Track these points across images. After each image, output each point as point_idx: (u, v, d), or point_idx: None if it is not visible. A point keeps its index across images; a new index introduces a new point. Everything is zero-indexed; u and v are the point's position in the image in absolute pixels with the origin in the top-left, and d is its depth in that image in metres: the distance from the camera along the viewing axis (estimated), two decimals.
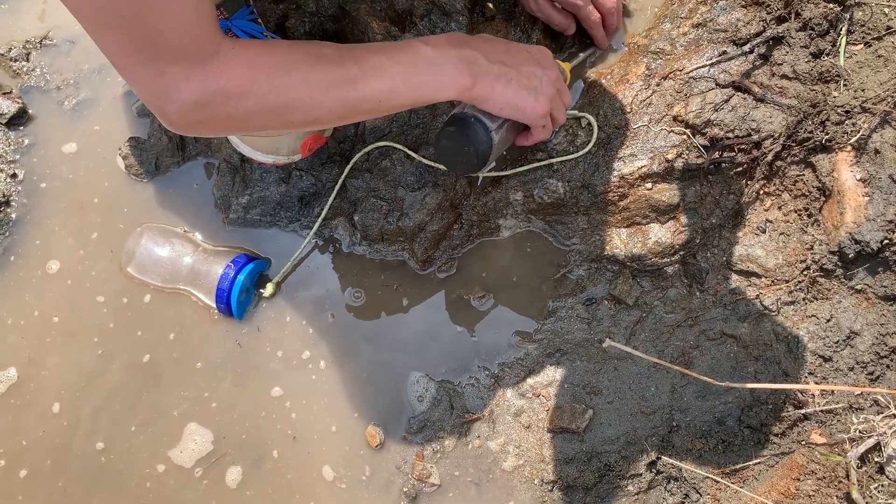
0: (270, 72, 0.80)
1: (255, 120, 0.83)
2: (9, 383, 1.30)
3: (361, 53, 0.88)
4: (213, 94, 0.77)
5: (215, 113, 0.79)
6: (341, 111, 0.88)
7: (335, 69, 0.84)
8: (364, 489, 1.19)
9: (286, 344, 1.27)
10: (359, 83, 0.86)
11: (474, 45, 0.95)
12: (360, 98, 0.87)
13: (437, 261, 1.27)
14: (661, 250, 1.20)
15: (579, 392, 1.18)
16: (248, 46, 0.80)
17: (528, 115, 1.00)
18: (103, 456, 1.25)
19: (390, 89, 0.89)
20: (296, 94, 0.82)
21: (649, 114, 1.20)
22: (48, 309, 1.32)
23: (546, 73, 1.00)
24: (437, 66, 0.91)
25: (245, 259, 1.27)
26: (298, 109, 0.84)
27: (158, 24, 0.71)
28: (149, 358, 1.29)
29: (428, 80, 0.91)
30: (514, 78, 0.97)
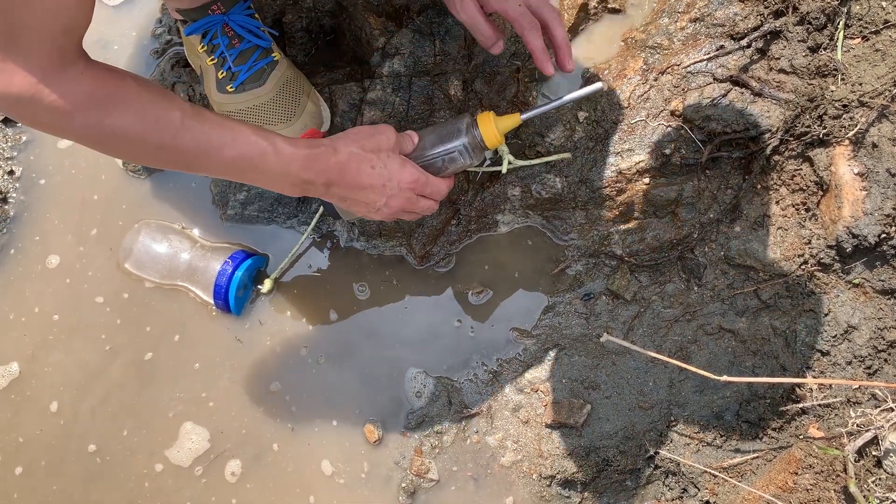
0: (104, 110, 0.79)
1: (75, 140, 0.84)
2: (10, 378, 1.30)
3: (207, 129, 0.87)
4: (40, 101, 0.76)
5: (32, 116, 0.78)
6: (168, 167, 0.93)
7: (169, 137, 0.84)
8: (363, 484, 1.19)
9: (284, 340, 1.27)
10: (188, 157, 0.87)
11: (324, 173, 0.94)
12: (187, 167, 0.90)
13: (435, 256, 1.27)
14: (658, 245, 1.20)
15: (577, 387, 1.18)
16: (100, 75, 0.80)
17: (377, 220, 1.08)
18: (98, 457, 1.25)
19: (219, 171, 0.92)
20: (121, 143, 0.83)
21: (647, 108, 1.20)
22: (48, 306, 1.32)
23: (388, 202, 1.01)
24: (274, 175, 0.92)
25: (243, 255, 1.27)
26: (121, 155, 0.91)
27: (22, 18, 0.71)
28: (147, 356, 1.29)
29: (262, 179, 0.94)
30: (349, 202, 1.01)
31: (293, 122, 1.16)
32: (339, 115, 1.26)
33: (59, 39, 0.75)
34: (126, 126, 0.81)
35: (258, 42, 1.18)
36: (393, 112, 1.24)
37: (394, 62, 1.22)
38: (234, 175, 0.94)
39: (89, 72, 0.79)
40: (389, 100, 1.24)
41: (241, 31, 1.18)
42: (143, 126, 0.82)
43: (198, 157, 0.87)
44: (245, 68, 1.16)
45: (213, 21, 1.16)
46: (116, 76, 0.82)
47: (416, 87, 1.23)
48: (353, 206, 1.02)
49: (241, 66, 1.16)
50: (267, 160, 0.91)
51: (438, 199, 1.07)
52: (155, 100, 0.84)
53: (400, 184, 1.00)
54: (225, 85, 1.16)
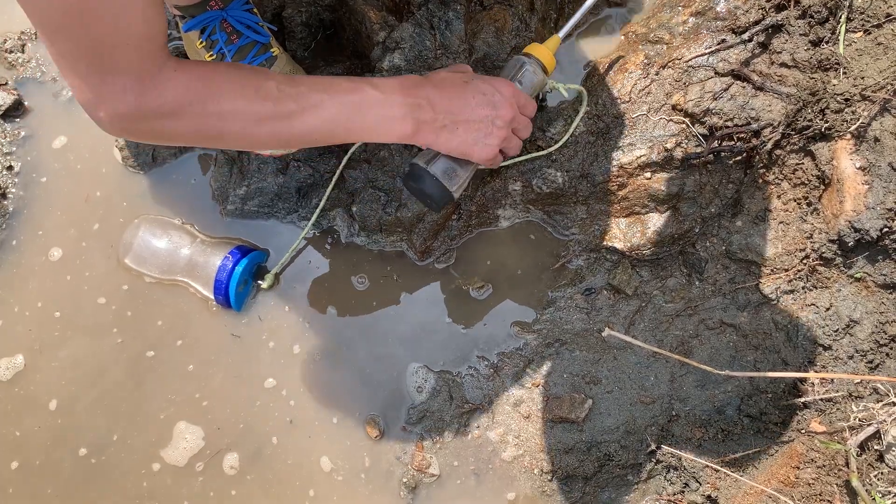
0: (207, 98, 0.81)
1: (184, 140, 0.86)
2: (16, 370, 1.29)
3: (304, 90, 0.88)
4: (147, 111, 0.78)
5: (145, 127, 0.80)
6: (275, 143, 0.91)
7: (271, 105, 0.85)
8: (364, 479, 1.19)
9: (285, 335, 1.27)
10: (294, 120, 0.87)
11: (425, 93, 0.95)
12: (294, 134, 0.89)
13: (435, 251, 1.27)
14: (660, 240, 1.20)
15: (578, 382, 1.18)
16: (191, 69, 0.81)
17: (475, 159, 1.02)
18: (94, 457, 1.25)
19: (328, 129, 0.90)
20: (228, 124, 0.84)
21: (648, 103, 1.20)
22: (50, 301, 1.31)
23: (499, 113, 1.00)
24: (381, 112, 0.92)
25: (243, 250, 1.26)
26: (229, 138, 0.86)
27: (106, 36, 0.72)
28: (147, 353, 1.28)
29: (369, 124, 0.92)
30: (461, 127, 0.98)
31: None
32: None
33: (146, 47, 0.75)
34: (232, 107, 0.82)
35: (257, 37, 1.18)
36: None
37: (394, 56, 1.21)
38: (341, 128, 0.91)
39: (181, 70, 0.80)
40: None
41: (240, 27, 1.17)
42: (246, 101, 0.83)
43: (303, 118, 0.87)
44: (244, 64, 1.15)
45: (212, 17, 1.16)
46: (205, 66, 0.83)
47: None
48: (467, 132, 0.98)
49: (239, 62, 1.16)
50: (369, 97, 0.90)
51: (530, 119, 1.07)
52: (247, 75, 0.85)
53: (502, 92, 1.00)
54: None
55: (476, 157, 1.01)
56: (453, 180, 1.04)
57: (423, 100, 0.94)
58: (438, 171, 1.02)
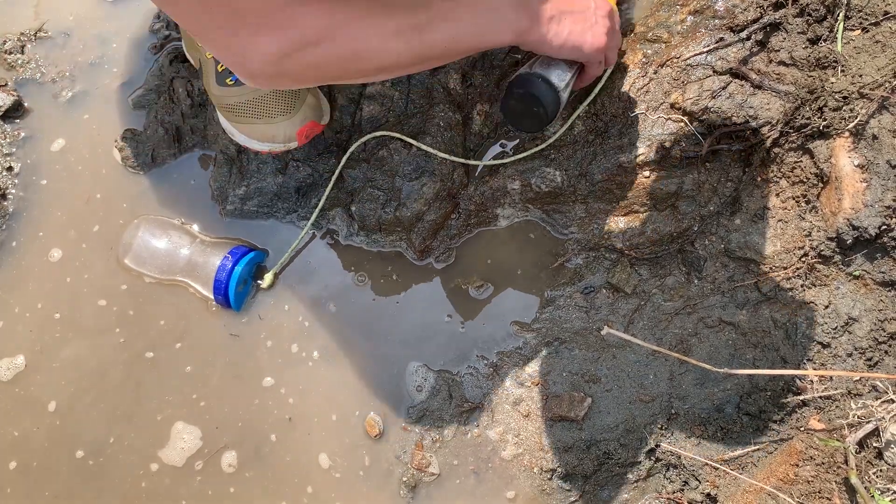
0: (345, 19, 0.82)
1: (331, 68, 0.86)
2: (16, 370, 1.29)
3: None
4: (291, 43, 0.79)
5: (296, 62, 0.81)
6: (410, 58, 0.89)
7: (404, 15, 0.86)
8: (364, 477, 1.19)
9: (284, 334, 1.27)
10: (425, 30, 0.88)
11: None
12: (427, 44, 0.89)
13: (434, 251, 1.27)
14: (659, 238, 1.20)
15: (578, 380, 1.18)
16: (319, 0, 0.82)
17: (586, 51, 1.00)
18: (92, 459, 1.25)
19: (454, 35, 0.90)
20: (367, 41, 0.84)
21: (647, 101, 1.20)
22: (50, 302, 1.31)
23: (598, 3, 1.01)
24: (496, 11, 0.92)
25: (243, 250, 1.26)
26: (370, 57, 0.86)
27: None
28: (147, 354, 1.28)
29: (489, 24, 0.92)
30: (568, 17, 0.98)
31: (293, 113, 1.16)
32: (337, 110, 1.26)
33: None
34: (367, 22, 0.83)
35: None
36: (392, 106, 1.24)
37: None
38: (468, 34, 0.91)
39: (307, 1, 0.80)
40: (388, 94, 1.23)
41: None
42: (379, 15, 0.84)
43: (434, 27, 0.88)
44: None
45: None
46: None
47: (414, 81, 1.23)
48: (574, 22, 0.98)
49: None
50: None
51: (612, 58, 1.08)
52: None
53: (599, 6, 1.01)
54: (224, 78, 1.16)
55: (587, 48, 1.00)
56: (561, 80, 1.02)
57: None
58: (553, 75, 1.01)
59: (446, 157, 1.20)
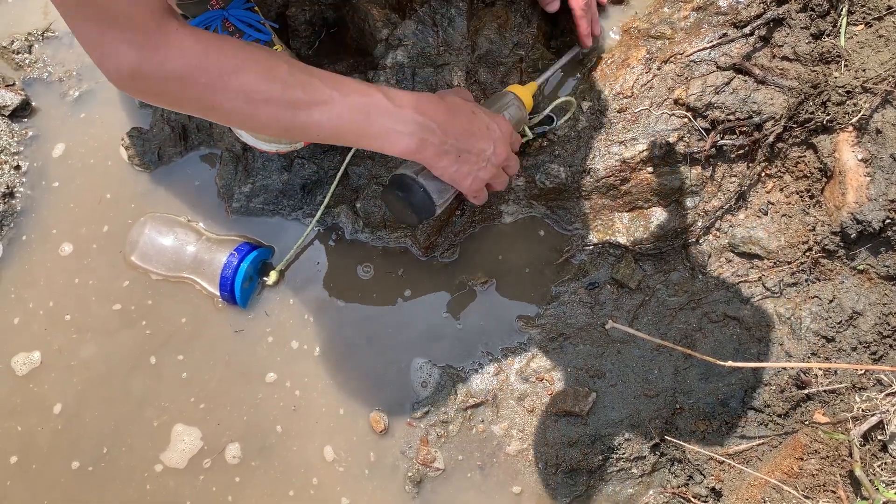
0: (215, 69, 0.79)
1: (189, 107, 0.85)
2: (32, 366, 1.30)
3: (316, 81, 0.86)
4: (150, 71, 0.77)
5: (151, 86, 0.79)
6: (276, 129, 0.88)
7: (279, 88, 0.83)
8: (370, 472, 1.20)
9: (290, 330, 1.28)
10: (299, 111, 0.85)
11: (438, 116, 0.94)
12: (296, 124, 0.87)
13: (439, 247, 1.28)
14: (663, 234, 1.20)
15: (582, 376, 1.18)
16: (201, 35, 0.80)
17: (464, 190, 1.03)
18: (92, 465, 1.26)
19: (333, 127, 0.88)
20: (232, 99, 0.82)
21: (650, 97, 1.20)
22: (60, 302, 1.32)
23: (496, 150, 1.02)
24: (389, 124, 0.90)
25: (248, 247, 1.27)
26: (232, 114, 0.84)
27: None
28: (152, 352, 1.29)
29: (374, 132, 0.90)
30: (462, 156, 0.98)
31: None
32: None
33: (151, 2, 0.75)
34: (239, 81, 0.80)
35: (258, 36, 1.18)
36: None
37: (397, 53, 1.22)
38: (346, 130, 0.89)
39: (189, 34, 0.78)
40: None
41: (241, 26, 1.18)
42: (255, 78, 0.81)
43: (309, 110, 0.85)
44: None
45: (213, 16, 1.17)
46: (217, 36, 0.82)
47: (419, 78, 1.23)
48: (464, 162, 0.99)
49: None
50: (380, 105, 0.89)
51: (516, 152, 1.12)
52: (261, 53, 0.83)
53: (500, 128, 1.03)
54: None
55: (464, 189, 1.03)
56: (441, 198, 1.05)
57: (434, 122, 0.93)
58: (430, 186, 1.03)
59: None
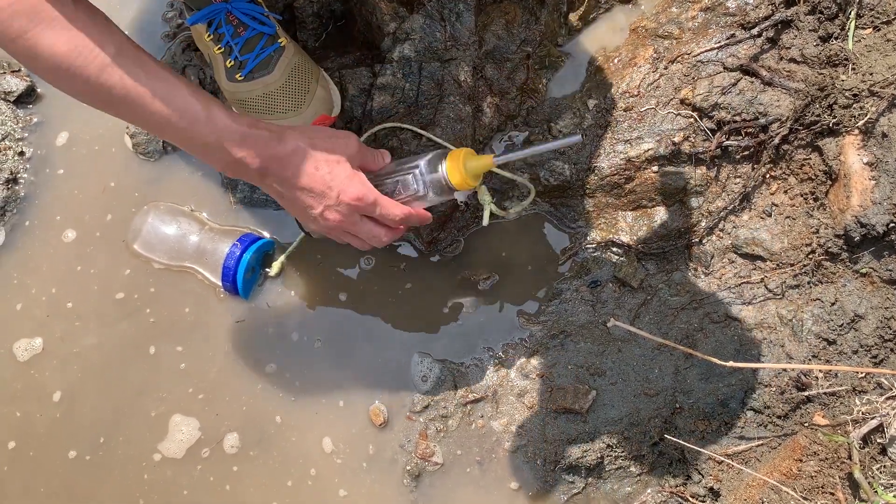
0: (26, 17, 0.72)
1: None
2: (33, 352, 1.30)
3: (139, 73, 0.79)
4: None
5: None
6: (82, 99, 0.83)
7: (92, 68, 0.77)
8: (368, 465, 1.20)
9: (291, 322, 1.28)
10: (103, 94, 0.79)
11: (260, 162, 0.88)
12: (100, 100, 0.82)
13: (442, 242, 1.28)
14: (666, 233, 1.20)
15: (583, 373, 1.18)
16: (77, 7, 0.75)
17: (313, 231, 1.02)
18: (89, 454, 1.26)
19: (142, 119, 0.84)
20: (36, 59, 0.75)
21: (657, 97, 1.20)
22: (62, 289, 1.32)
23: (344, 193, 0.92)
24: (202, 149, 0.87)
25: (251, 238, 1.27)
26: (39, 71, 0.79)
27: None
28: (151, 342, 1.29)
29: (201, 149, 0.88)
30: (298, 194, 0.93)
31: (304, 109, 1.17)
32: (349, 100, 1.27)
33: None
34: (51, 45, 0.74)
35: (263, 29, 1.17)
36: (403, 97, 1.24)
37: (404, 47, 1.22)
38: (161, 132, 0.87)
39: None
40: (399, 85, 1.24)
41: (245, 19, 1.17)
42: (69, 49, 0.75)
43: (124, 101, 0.80)
44: (252, 56, 1.15)
45: (216, 10, 1.16)
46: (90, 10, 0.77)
47: (426, 73, 1.23)
48: (287, 205, 0.96)
49: (248, 55, 1.16)
50: (197, 127, 0.83)
51: (394, 227, 1.00)
52: (90, 24, 0.76)
53: (341, 196, 0.92)
54: (234, 74, 1.17)
55: (315, 230, 1.00)
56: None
57: (255, 161, 0.88)
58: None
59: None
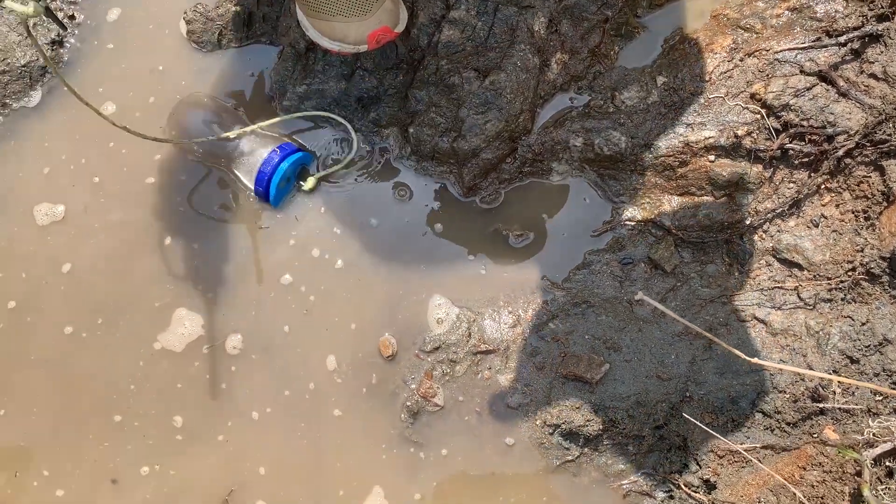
0: None
1: None
2: (53, 219, 1.28)
3: None
4: None
5: None
6: None
7: None
8: (368, 393, 1.19)
9: (315, 239, 1.26)
10: None
11: None
12: None
13: (482, 190, 1.26)
14: (709, 224, 1.19)
15: (599, 345, 1.17)
16: None
17: None
18: (86, 332, 1.26)
19: None
20: None
21: (727, 87, 1.18)
22: (93, 162, 1.30)
23: None
24: None
25: (291, 148, 1.25)
26: None
27: None
28: (168, 233, 1.28)
29: None
30: None
31: (369, 15, 1.13)
32: (417, 28, 1.24)
33: None
34: None
35: None
36: (472, 35, 1.21)
37: None
38: None
39: None
40: (471, 22, 1.21)
41: None
42: None
43: None
44: None
45: None
46: None
47: (500, 15, 1.20)
48: None
49: None
50: None
51: None
52: None
53: None
54: None
55: None
56: None
57: None
58: None
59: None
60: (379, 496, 1.17)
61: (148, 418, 1.22)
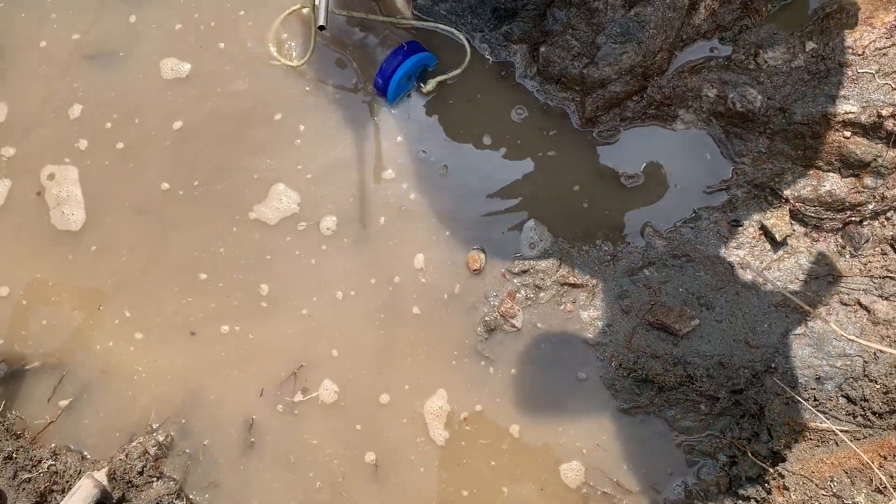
0: None
1: None
2: (178, 74, 1.31)
3: None
4: None
5: None
6: None
7: None
8: (448, 300, 1.20)
9: (424, 140, 1.25)
10: None
11: None
12: None
13: (601, 124, 1.23)
14: (830, 202, 1.15)
15: (692, 300, 1.15)
16: None
17: None
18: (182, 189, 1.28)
19: None
20: None
21: (880, 64, 1.12)
22: (218, 27, 1.31)
23: None
24: None
25: (417, 47, 1.23)
26: None
27: None
28: (281, 112, 1.28)
29: None
30: None
31: None
32: None
33: None
34: None
35: None
36: None
37: None
38: None
39: None
40: None
41: None
42: None
43: None
44: None
45: None
46: None
47: None
48: None
49: None
50: None
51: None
52: None
53: None
54: None
55: None
56: None
57: None
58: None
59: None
60: (442, 398, 1.18)
61: (234, 282, 1.25)
